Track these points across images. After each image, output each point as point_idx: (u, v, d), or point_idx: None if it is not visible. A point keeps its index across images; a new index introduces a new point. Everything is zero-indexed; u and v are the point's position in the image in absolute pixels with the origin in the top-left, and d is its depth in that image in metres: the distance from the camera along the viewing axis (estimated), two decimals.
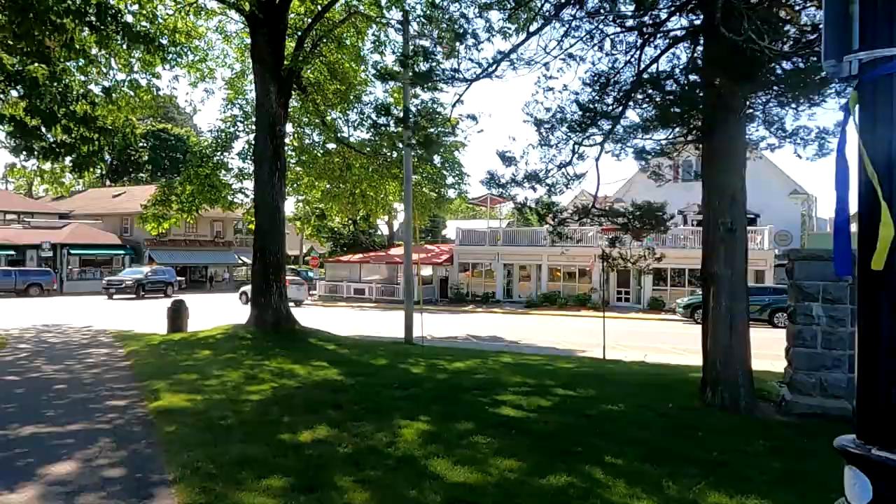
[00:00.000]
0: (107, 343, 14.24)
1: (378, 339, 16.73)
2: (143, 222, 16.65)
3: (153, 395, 7.81)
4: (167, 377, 9.11)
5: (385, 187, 20.30)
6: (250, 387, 8.53)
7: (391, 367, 10.88)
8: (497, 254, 33.05)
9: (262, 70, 14.87)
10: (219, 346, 12.54)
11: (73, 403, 7.52)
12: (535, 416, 7.02)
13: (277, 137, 14.93)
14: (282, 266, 15.02)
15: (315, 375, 9.59)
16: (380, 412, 7.15)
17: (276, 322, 14.59)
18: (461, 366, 11.11)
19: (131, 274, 36.19)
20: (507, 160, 11.37)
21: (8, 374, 9.81)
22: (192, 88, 18.14)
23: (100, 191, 54.14)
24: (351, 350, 12.96)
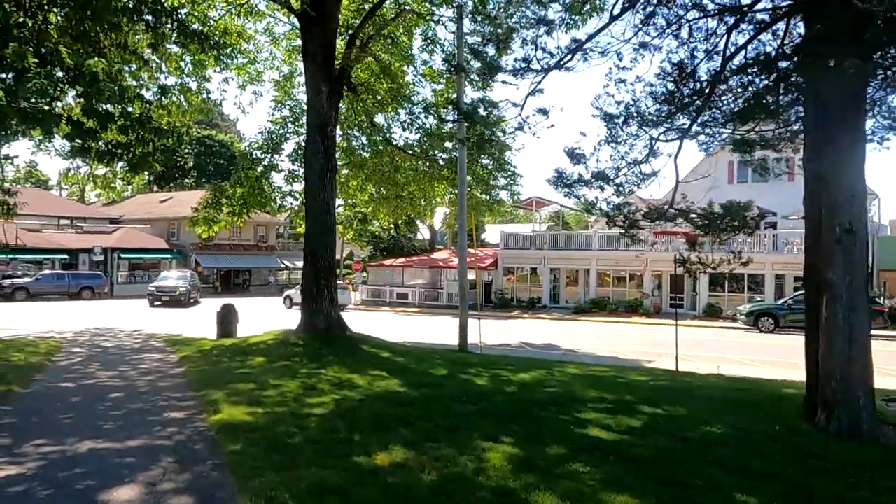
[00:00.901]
0: (158, 348, 14.07)
1: (429, 346, 16.14)
2: (194, 225, 16.53)
3: (212, 407, 7.38)
4: (223, 386, 8.70)
5: (433, 189, 19.77)
6: (311, 398, 8.03)
7: (453, 377, 10.28)
8: (543, 258, 32.17)
9: (313, 69, 14.52)
10: (271, 353, 12.15)
11: (131, 415, 7.14)
12: (628, 439, 6.28)
13: (328, 138, 14.55)
14: (333, 270, 14.61)
15: (376, 386, 9.05)
16: (455, 431, 6.53)
17: (328, 328, 14.18)
18: (527, 377, 10.42)
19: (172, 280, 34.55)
20: (575, 157, 10.64)
21: (64, 380, 9.59)
22: (241, 92, 17.82)
23: (147, 196, 55.43)
24: (406, 358, 12.41)
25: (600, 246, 31.02)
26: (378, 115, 18.28)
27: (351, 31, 15.03)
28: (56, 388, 8.87)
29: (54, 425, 6.62)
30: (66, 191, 66.48)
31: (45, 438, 5.99)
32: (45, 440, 5.94)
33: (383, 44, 17.20)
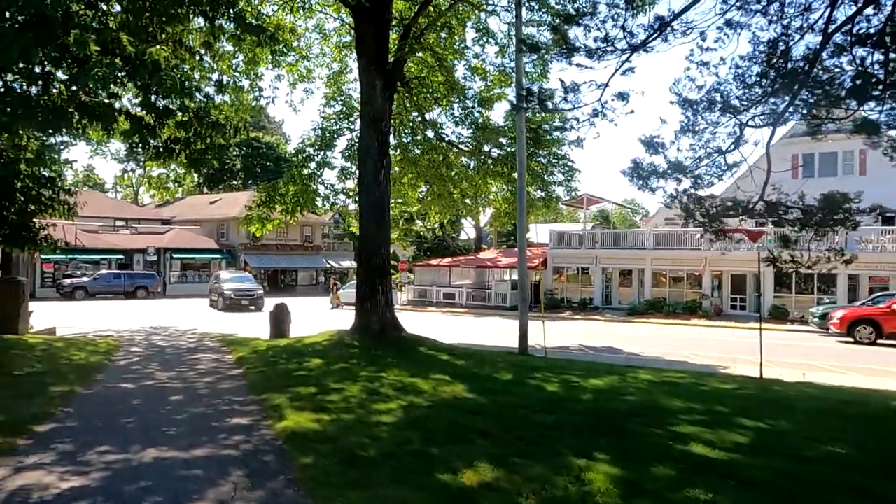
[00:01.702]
0: (214, 348, 13.93)
1: (485, 348, 15.56)
2: (248, 224, 16.42)
3: (276, 413, 6.98)
4: (284, 390, 8.33)
5: (486, 186, 19.17)
6: (377, 405, 7.55)
7: (520, 383, 9.66)
8: (595, 257, 31.14)
9: (366, 63, 14.14)
10: (328, 355, 11.79)
11: (193, 420, 6.81)
12: (741, 459, 5.54)
13: (382, 133, 14.13)
14: (387, 269, 14.19)
15: (442, 392, 8.52)
16: (540, 444, 5.93)
17: (383, 329, 13.76)
18: (599, 384, 9.72)
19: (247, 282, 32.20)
20: (652, 147, 9.87)
21: (124, 380, 9.42)
22: (292, 90, 17.69)
23: (197, 198, 56.68)
24: (467, 361, 11.86)
25: (656, 245, 29.81)
26: (431, 110, 17.80)
27: (406, 21, 14.57)
28: (116, 390, 8.68)
29: (117, 430, 6.33)
30: (120, 193, 68.79)
31: (108, 445, 5.68)
32: (108, 447, 5.62)
33: (435, 36, 16.73)
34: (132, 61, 7.02)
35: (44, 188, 13.24)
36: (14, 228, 13.13)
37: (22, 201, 13.05)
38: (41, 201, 13.19)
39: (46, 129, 7.09)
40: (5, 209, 12.92)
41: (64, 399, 7.79)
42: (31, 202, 13.21)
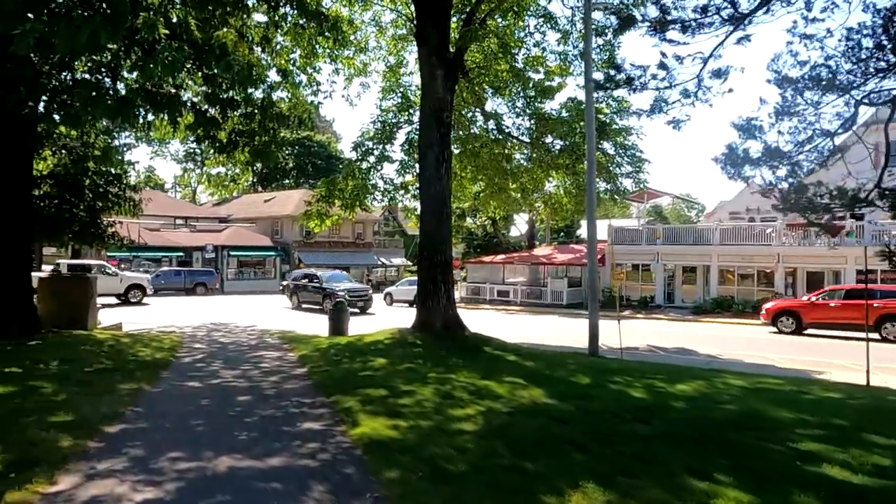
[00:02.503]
0: (274, 345, 13.77)
1: (550, 348, 14.87)
2: (307, 219, 16.25)
3: (349, 418, 6.56)
4: (353, 391, 7.92)
5: (546, 179, 18.43)
6: (453, 410, 7.04)
7: (601, 387, 8.97)
8: (657, 253, 29.83)
9: (427, 52, 13.67)
10: (390, 354, 11.39)
11: (264, 423, 6.46)
12: (894, 486, 4.74)
13: (444, 125, 13.63)
14: (450, 266, 13.69)
15: (519, 397, 7.93)
16: (644, 460, 5.27)
17: (445, 327, 13.29)
18: (687, 389, 8.92)
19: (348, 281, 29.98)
20: (747, 131, 8.98)
21: (190, 378, 9.24)
22: (348, 84, 17.34)
23: (252, 196, 57.84)
24: (536, 363, 11.22)
25: (722, 240, 28.28)
26: (490, 102, 17.19)
27: (468, 7, 14.01)
28: (183, 388, 8.48)
29: (187, 433, 6.03)
30: (179, 193, 71.06)
31: (179, 450, 5.36)
32: (179, 452, 5.30)
33: (496, 24, 16.11)
34: (199, 47, 6.76)
35: (110, 185, 13.36)
36: (83, 225, 13.31)
37: (90, 198, 13.21)
38: (108, 198, 13.34)
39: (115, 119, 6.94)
40: (75, 206, 13.10)
41: (132, 397, 7.60)
42: (98, 199, 13.36)
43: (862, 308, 17.02)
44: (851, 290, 19.43)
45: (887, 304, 18.03)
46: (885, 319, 17.83)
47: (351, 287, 26.91)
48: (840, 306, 18.88)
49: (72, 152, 13.03)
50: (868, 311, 16.36)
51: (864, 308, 13.69)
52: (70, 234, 13.22)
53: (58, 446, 5.32)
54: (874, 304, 17.69)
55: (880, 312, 17.77)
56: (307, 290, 27.34)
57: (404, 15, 17.91)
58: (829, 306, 19.13)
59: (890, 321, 17.84)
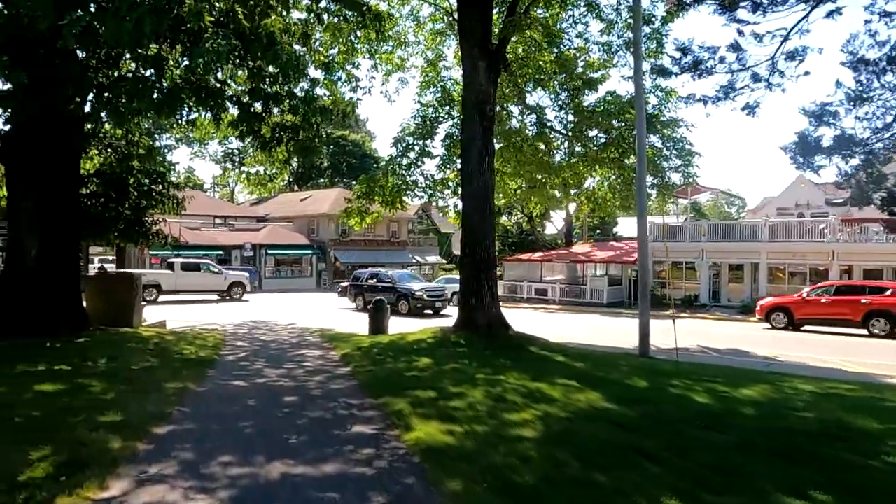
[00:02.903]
0: (316, 343, 13.64)
1: (597, 348, 14.36)
2: (348, 217, 16.09)
3: (401, 422, 6.28)
4: (401, 393, 7.65)
5: (591, 174, 17.88)
6: (508, 414, 6.69)
7: (659, 390, 8.50)
8: (701, 251, 28.84)
9: (469, 44, 13.32)
10: (435, 353, 11.11)
11: (313, 426, 6.23)
12: None
13: (487, 118, 13.26)
14: (493, 263, 13.33)
15: (575, 400, 7.53)
16: (726, 473, 4.84)
17: (489, 325, 12.93)
18: (753, 394, 8.37)
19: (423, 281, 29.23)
20: (820, 119, 8.36)
21: (235, 377, 9.12)
22: (386, 79, 17.12)
23: (288, 195, 58.45)
24: (586, 364, 10.77)
25: (772, 237, 27.16)
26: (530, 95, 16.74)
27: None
28: (229, 388, 8.35)
29: (236, 436, 5.84)
30: (218, 193, 72.38)
31: (230, 454, 5.16)
32: (230, 456, 5.09)
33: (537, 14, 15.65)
34: (246, 37, 6.57)
35: (154, 183, 13.43)
36: (128, 224, 13.41)
37: (135, 196, 13.30)
38: (152, 196, 13.40)
39: (160, 112, 6.85)
40: (120, 205, 13.21)
41: (179, 397, 7.49)
42: (142, 198, 13.45)
43: (851, 304, 18.42)
44: (841, 287, 19.90)
45: (875, 301, 18.14)
46: (872, 315, 18.02)
47: (428, 287, 25.21)
48: (830, 302, 19.03)
49: (117, 151, 13.14)
50: (856, 308, 18.11)
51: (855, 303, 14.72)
52: (115, 233, 13.35)
53: (107, 448, 5.18)
54: (862, 300, 18.35)
55: (868, 308, 18.06)
56: (377, 290, 24.80)
57: (443, 9, 17.61)
58: (820, 303, 19.24)
59: (877, 317, 17.95)
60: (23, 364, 8.73)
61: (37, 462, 4.70)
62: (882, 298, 18.01)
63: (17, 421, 5.85)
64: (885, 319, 17.74)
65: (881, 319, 17.80)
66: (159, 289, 27.98)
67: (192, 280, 28.99)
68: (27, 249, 11.37)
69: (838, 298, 18.85)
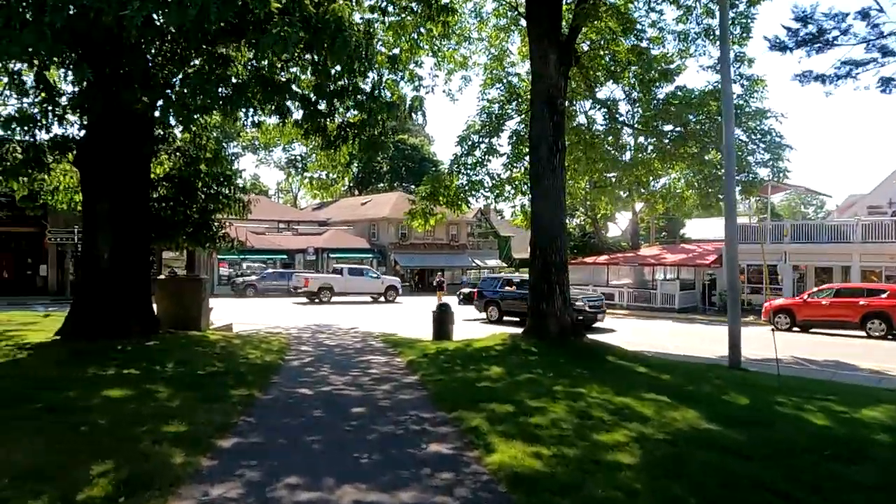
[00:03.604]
0: (380, 349, 13.26)
1: (676, 357, 13.31)
2: (412, 218, 15.71)
3: (479, 440, 5.68)
4: (475, 406, 7.06)
5: (666, 171, 16.78)
6: (598, 434, 5.97)
7: (765, 409, 7.55)
8: (784, 253, 26.85)
9: (538, 36, 12.66)
10: (505, 362, 10.47)
11: (385, 443, 5.72)
12: None
13: (558, 112, 12.55)
14: (565, 265, 12.58)
15: (671, 419, 6.72)
16: None
17: (561, 333, 12.19)
18: (880, 416, 7.31)
19: None
20: None
21: (300, 384, 8.79)
22: (448, 78, 16.68)
23: (349, 200, 59.22)
24: (672, 376, 9.86)
25: (865, 237, 24.95)
26: (600, 90, 15.85)
27: None
28: (294, 396, 8.00)
29: (303, 452, 5.41)
30: (282, 198, 74.36)
31: (297, 474, 4.71)
32: (298, 477, 4.65)
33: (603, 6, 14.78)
34: (312, 25, 6.20)
35: (221, 186, 13.45)
36: (196, 227, 13.48)
37: (202, 200, 13.36)
38: (219, 199, 13.42)
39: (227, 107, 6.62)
40: (188, 208, 13.29)
41: (244, 405, 7.18)
42: (210, 201, 13.49)
43: (849, 306, 18.67)
44: (841, 289, 20.25)
45: (872, 303, 18.39)
46: (869, 317, 18.33)
47: (588, 296, 21.27)
48: (829, 304, 19.31)
49: (185, 154, 13.25)
50: (855, 309, 18.48)
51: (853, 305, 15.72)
52: (184, 236, 13.45)
53: (170, 463, 4.84)
54: (860, 301, 18.64)
55: (865, 310, 18.38)
56: (516, 298, 20.59)
57: (507, 2, 16.99)
58: (820, 304, 19.54)
59: (874, 318, 18.22)
60: (94, 367, 8.72)
61: (97, 478, 4.39)
62: (879, 300, 18.25)
63: (82, 430, 5.64)
64: (879, 320, 18.08)
65: (876, 320, 18.14)
66: (332, 290, 31.23)
67: (357, 283, 31.62)
68: (101, 252, 11.52)
69: (838, 300, 19.15)
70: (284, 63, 8.73)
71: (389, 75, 12.91)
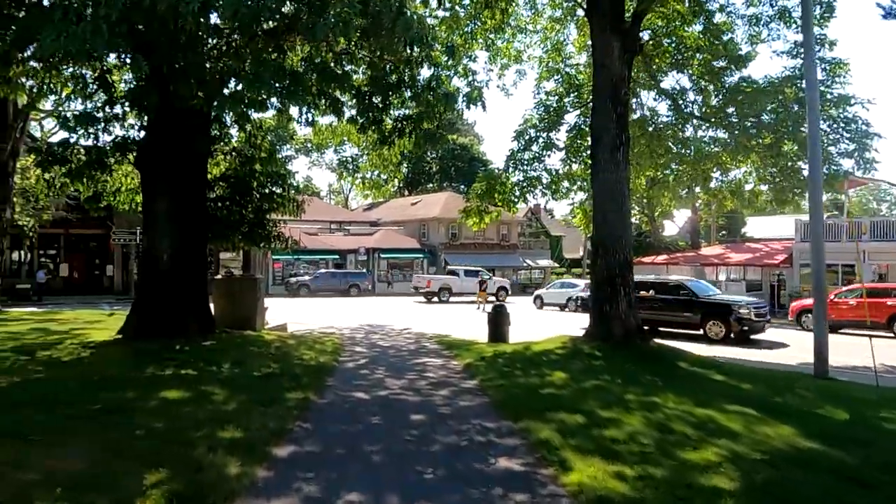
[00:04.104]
0: (434, 351, 12.90)
1: (752, 363, 12.39)
2: (467, 217, 15.28)
3: (553, 456, 5.19)
4: (542, 415, 6.57)
5: (736, 165, 15.75)
6: (683, 452, 5.38)
7: (869, 425, 6.80)
8: (864, 252, 24.97)
9: (600, 24, 12.01)
10: (568, 367, 9.89)
11: (449, 455, 5.31)
12: None
13: (621, 103, 11.87)
14: (629, 265, 11.87)
15: (763, 436, 6.04)
16: None
17: (625, 336, 11.49)
18: None
19: None
20: None
21: (356, 388, 8.49)
22: (502, 72, 16.18)
23: (399, 200, 59.38)
24: (754, 385, 9.08)
25: None
26: (664, 78, 14.99)
27: None
28: (351, 400, 7.70)
29: (363, 463, 5.06)
30: (333, 200, 75.45)
31: (358, 490, 4.36)
32: (359, 494, 4.29)
33: None
34: (371, 11, 5.85)
35: (275, 185, 13.41)
36: (251, 226, 13.48)
37: (257, 199, 13.34)
38: (273, 199, 13.38)
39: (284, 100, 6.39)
40: (244, 208, 13.30)
41: (300, 410, 6.92)
42: (264, 200, 13.47)
43: (877, 307, 17.68)
44: (869, 290, 18.85)
45: None
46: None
47: (753, 302, 17.70)
48: (856, 305, 18.60)
49: (241, 154, 13.27)
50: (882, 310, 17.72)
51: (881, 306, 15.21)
52: (239, 236, 13.48)
53: (225, 474, 4.58)
54: (888, 302, 18.04)
55: (893, 311, 17.77)
56: (667, 305, 16.88)
57: None
58: (847, 305, 19.11)
59: None
60: (153, 366, 8.69)
61: (150, 489, 4.16)
62: None
63: (138, 434, 5.47)
64: None
65: None
66: (450, 291, 33.57)
67: (472, 284, 32.78)
68: (160, 253, 11.61)
69: (863, 301, 17.58)
70: (338, 57, 8.49)
71: (443, 71, 12.57)
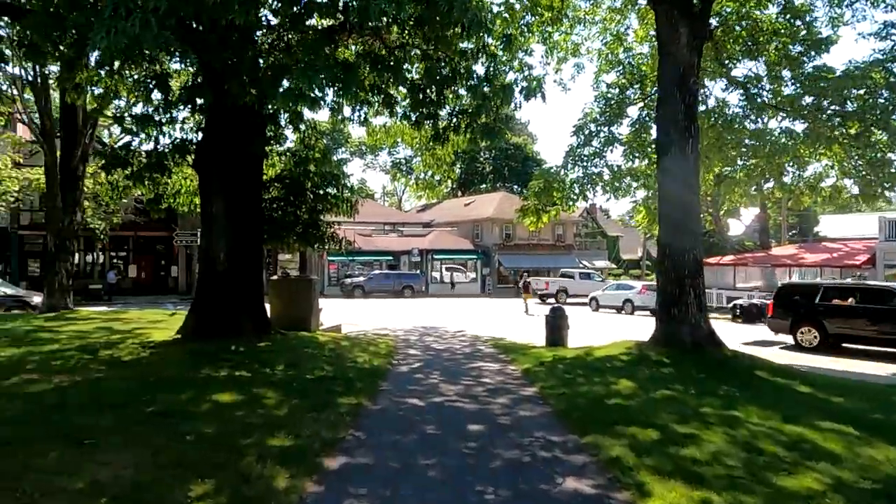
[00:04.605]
0: (490, 354, 12.46)
1: (836, 373, 11.34)
2: (523, 216, 14.77)
3: (627, 477, 4.67)
4: (611, 429, 6.03)
5: (816, 158, 14.59)
6: (778, 477, 4.75)
7: None
8: None
9: (666, 9, 11.26)
10: (635, 375, 9.25)
11: (512, 473, 4.88)
12: None
13: (690, 93, 11.09)
14: (700, 267, 11.06)
15: (869, 459, 5.33)
16: None
17: (695, 343, 10.71)
18: None
19: None
20: None
21: (410, 393, 8.17)
22: (559, 66, 15.59)
23: (452, 201, 59.15)
24: (848, 399, 8.20)
25: None
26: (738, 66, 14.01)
27: None
28: (405, 406, 7.38)
29: (418, 479, 4.70)
30: (387, 202, 76.09)
31: None
32: None
33: None
34: None
35: (329, 186, 13.31)
36: (305, 227, 13.43)
37: (311, 199, 13.28)
38: (327, 199, 13.28)
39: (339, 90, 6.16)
40: (298, 208, 13.27)
41: (352, 416, 6.64)
42: (318, 201, 13.39)
43: None
44: None
45: None
46: None
47: None
48: None
49: (295, 155, 13.25)
50: None
51: None
52: (294, 237, 13.46)
53: (273, 487, 4.31)
54: None
55: None
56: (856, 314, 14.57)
57: None
58: None
59: None
60: (208, 367, 8.64)
61: (195, 502, 3.92)
62: None
63: (188, 439, 5.31)
64: None
65: None
66: (566, 292, 34.47)
67: (587, 286, 33.96)
68: (217, 254, 11.66)
69: None
70: (391, 51, 8.21)
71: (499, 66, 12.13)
